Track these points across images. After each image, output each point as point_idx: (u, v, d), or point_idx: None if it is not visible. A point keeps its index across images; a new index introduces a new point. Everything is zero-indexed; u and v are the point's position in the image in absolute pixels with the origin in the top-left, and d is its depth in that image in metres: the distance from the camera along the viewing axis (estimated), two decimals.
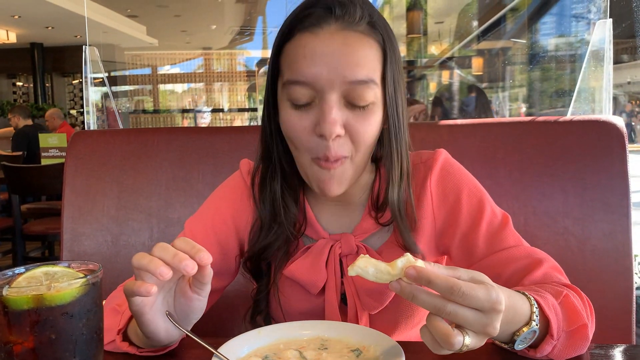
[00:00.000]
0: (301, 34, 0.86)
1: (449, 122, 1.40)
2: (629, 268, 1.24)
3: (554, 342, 0.75)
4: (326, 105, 0.84)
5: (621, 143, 1.26)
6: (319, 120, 0.84)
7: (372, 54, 0.86)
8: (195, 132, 1.49)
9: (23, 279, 0.66)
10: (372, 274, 0.68)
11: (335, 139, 0.84)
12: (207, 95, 10.47)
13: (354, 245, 0.97)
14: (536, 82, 5.28)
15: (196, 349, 0.87)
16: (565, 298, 0.80)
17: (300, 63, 0.85)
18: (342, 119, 0.85)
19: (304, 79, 0.84)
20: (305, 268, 0.97)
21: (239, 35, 9.52)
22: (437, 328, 0.65)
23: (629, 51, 3.60)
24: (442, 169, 0.99)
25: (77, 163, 1.46)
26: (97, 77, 2.40)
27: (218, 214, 1.04)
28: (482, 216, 0.95)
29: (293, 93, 0.86)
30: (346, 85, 0.84)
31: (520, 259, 0.91)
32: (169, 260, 0.70)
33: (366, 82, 0.84)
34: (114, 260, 1.42)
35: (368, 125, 0.87)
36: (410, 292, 0.65)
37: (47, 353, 0.64)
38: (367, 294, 0.95)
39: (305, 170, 0.91)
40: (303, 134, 0.87)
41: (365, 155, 0.90)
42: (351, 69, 0.83)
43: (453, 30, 7.18)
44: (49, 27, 10.91)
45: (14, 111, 6.86)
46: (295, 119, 0.87)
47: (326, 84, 0.84)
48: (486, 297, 0.63)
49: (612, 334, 1.22)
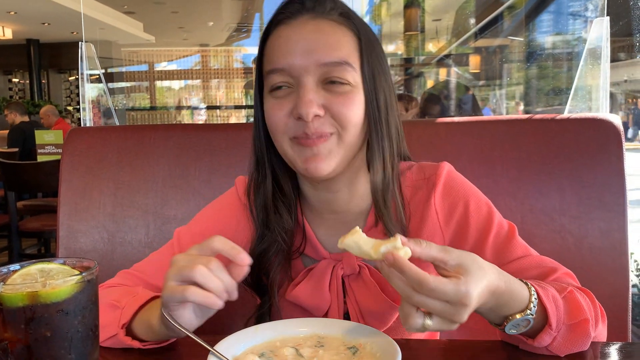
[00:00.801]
0: (278, 27, 0.90)
1: (446, 120, 1.40)
2: (625, 266, 1.24)
3: (554, 333, 0.76)
4: (302, 89, 0.86)
5: (618, 141, 1.26)
6: (297, 103, 0.86)
7: (346, 40, 0.89)
8: (192, 129, 1.49)
9: (18, 276, 0.66)
10: (356, 252, 0.73)
11: (314, 119, 0.85)
12: (204, 92, 10.45)
13: (355, 265, 0.95)
14: (533, 80, 5.29)
15: (193, 346, 0.87)
16: (569, 293, 0.80)
17: (277, 52, 0.88)
18: (320, 100, 0.86)
19: (281, 66, 0.87)
20: (309, 292, 0.95)
21: (236, 32, 9.50)
22: (403, 308, 0.70)
23: (626, 49, 3.60)
24: (445, 184, 0.97)
25: (73, 160, 1.46)
26: (93, 73, 2.39)
27: (210, 228, 1.03)
28: (490, 229, 0.94)
29: (272, 82, 0.89)
30: (321, 68, 0.86)
31: (530, 269, 0.90)
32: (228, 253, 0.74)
33: (341, 63, 0.86)
34: (110, 257, 1.42)
35: (349, 105, 0.87)
36: (387, 273, 0.69)
37: (43, 350, 0.63)
38: (371, 316, 0.95)
39: (288, 154, 0.90)
40: (282, 119, 0.88)
41: (355, 136, 0.89)
42: (325, 52, 0.86)
43: (450, 27, 7.18)
44: (45, 24, 10.87)
45: (11, 107, 6.84)
46: (275, 106, 0.89)
47: (301, 68, 0.86)
48: (454, 292, 0.66)
49: (609, 332, 1.22)
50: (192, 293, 0.72)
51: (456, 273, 0.68)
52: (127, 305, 0.87)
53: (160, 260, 1.02)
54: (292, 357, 0.74)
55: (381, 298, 0.93)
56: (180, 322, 0.76)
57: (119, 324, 0.84)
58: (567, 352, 0.78)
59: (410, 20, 6.64)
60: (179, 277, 0.73)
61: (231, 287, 0.74)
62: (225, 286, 0.73)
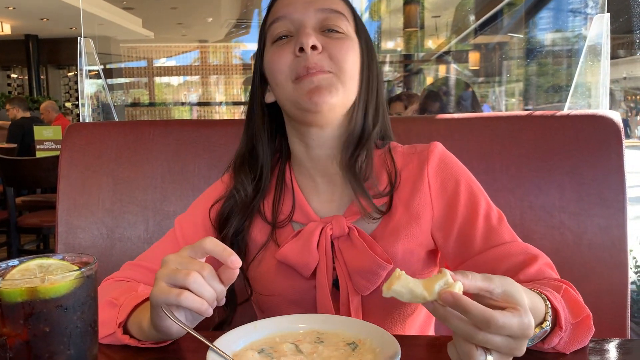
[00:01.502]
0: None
1: (445, 116, 1.40)
2: (624, 262, 1.25)
3: (562, 334, 0.76)
4: (302, 29, 0.93)
5: (618, 138, 1.26)
6: (297, 40, 0.92)
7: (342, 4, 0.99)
8: (191, 125, 1.49)
9: (17, 271, 0.66)
10: (407, 298, 0.66)
11: (312, 53, 0.91)
12: (203, 88, 10.43)
13: (345, 226, 0.96)
14: (533, 77, 5.28)
15: (193, 342, 0.87)
16: (565, 291, 0.82)
17: (279, 7, 0.97)
18: (318, 39, 0.92)
19: (282, 14, 0.95)
20: (297, 250, 0.96)
21: (235, 28, 9.48)
22: (462, 347, 0.64)
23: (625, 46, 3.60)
24: (440, 160, 0.99)
25: (72, 156, 1.46)
26: (92, 69, 2.38)
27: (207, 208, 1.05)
28: (479, 210, 0.96)
29: (274, 32, 0.96)
30: (320, 13, 0.94)
31: (516, 255, 0.92)
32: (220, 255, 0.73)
33: (337, 12, 0.95)
34: (109, 253, 1.42)
35: (345, 50, 0.94)
36: (442, 314, 0.64)
37: (41, 346, 0.63)
38: (359, 275, 0.95)
39: (291, 97, 0.95)
40: (284, 59, 0.94)
41: (351, 81, 0.95)
42: (323, 2, 0.95)
43: (450, 24, 7.17)
44: (44, 19, 10.84)
45: (13, 102, 6.86)
46: (277, 52, 0.95)
47: (301, 13, 0.94)
48: (519, 326, 0.62)
49: (607, 328, 1.23)
50: (187, 299, 0.71)
51: (505, 302, 0.64)
52: (124, 303, 0.87)
53: (164, 249, 1.03)
54: (292, 352, 0.74)
55: (369, 257, 0.93)
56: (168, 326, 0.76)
57: (116, 322, 0.84)
58: (572, 349, 0.79)
59: (410, 16, 6.63)
60: (172, 280, 0.73)
61: (221, 295, 0.75)
62: (217, 294, 0.74)
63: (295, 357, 0.72)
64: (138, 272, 1.01)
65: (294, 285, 0.99)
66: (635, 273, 2.74)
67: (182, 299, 0.71)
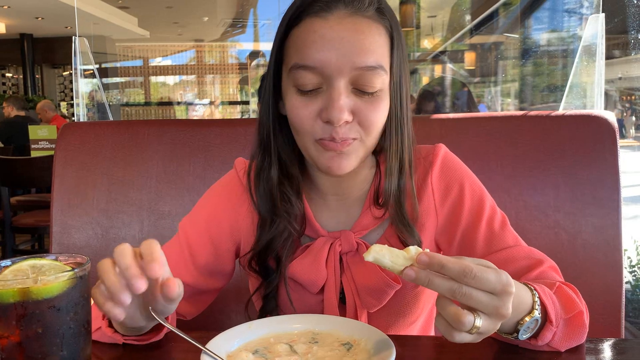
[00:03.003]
0: (310, 18, 0.85)
1: (441, 117, 1.40)
2: (619, 262, 1.25)
3: (554, 329, 0.76)
4: (334, 91, 0.83)
5: (612, 138, 1.26)
6: (327, 106, 0.83)
7: (381, 40, 0.86)
8: (187, 125, 1.48)
9: (9, 271, 0.65)
10: (389, 259, 0.69)
11: (342, 124, 0.84)
12: (199, 87, 10.41)
13: (353, 242, 0.95)
14: (528, 77, 5.29)
15: (184, 343, 0.86)
16: (558, 288, 0.82)
17: (309, 48, 0.83)
18: (350, 105, 0.84)
19: (313, 64, 0.83)
20: (305, 267, 0.95)
21: (231, 27, 9.47)
22: (447, 310, 0.66)
23: (620, 47, 3.61)
24: (442, 164, 0.98)
25: (66, 155, 1.45)
26: (87, 68, 2.38)
27: (212, 215, 1.02)
28: (483, 213, 0.95)
29: (300, 79, 0.85)
30: (355, 71, 0.83)
31: (520, 259, 0.91)
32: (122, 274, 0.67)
33: (375, 68, 0.83)
34: (104, 254, 1.41)
35: (377, 111, 0.86)
36: (425, 276, 0.66)
37: (34, 347, 0.63)
38: (367, 293, 0.94)
39: (310, 152, 0.89)
40: (309, 120, 0.85)
41: (376, 139, 0.89)
42: (360, 55, 0.82)
43: (446, 24, 7.18)
44: (38, 18, 10.79)
45: (9, 100, 6.86)
46: (301, 105, 0.86)
47: (335, 69, 0.82)
48: (497, 279, 0.64)
49: (602, 328, 1.23)
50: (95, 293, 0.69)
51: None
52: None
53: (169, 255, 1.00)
54: (286, 353, 0.73)
55: (378, 275, 0.92)
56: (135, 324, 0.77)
57: (102, 316, 0.84)
58: (566, 346, 0.79)
59: (406, 16, 6.63)
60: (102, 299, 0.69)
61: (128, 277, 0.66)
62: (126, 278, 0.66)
63: (290, 357, 0.72)
64: None
65: (300, 299, 0.98)
66: (630, 272, 2.75)
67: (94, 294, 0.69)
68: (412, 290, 0.97)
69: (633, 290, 2.76)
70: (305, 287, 0.96)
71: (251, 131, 1.42)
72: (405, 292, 0.97)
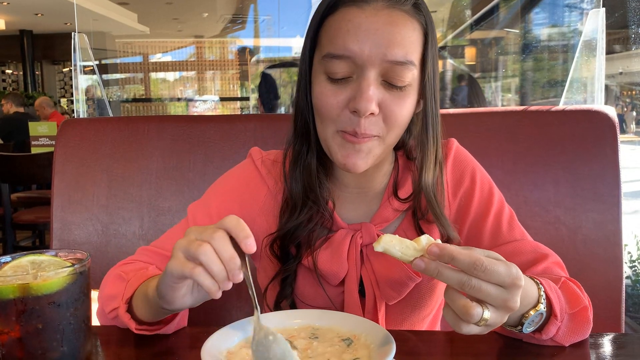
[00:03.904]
0: (346, 7, 0.85)
1: (441, 112, 1.39)
2: (619, 257, 1.25)
3: (558, 323, 0.77)
4: (365, 81, 0.83)
5: (613, 133, 1.26)
6: (355, 95, 0.83)
7: (415, 35, 0.85)
8: (186, 121, 1.48)
9: (9, 267, 0.65)
10: (399, 249, 0.69)
11: (368, 116, 0.84)
12: (199, 83, 10.40)
13: (374, 234, 0.95)
14: (529, 72, 5.28)
15: (189, 339, 0.86)
16: (563, 283, 0.82)
17: (344, 37, 0.83)
18: (378, 97, 0.84)
19: (346, 53, 0.83)
20: (326, 259, 0.95)
21: (231, 23, 9.44)
22: (456, 302, 0.66)
23: (621, 41, 3.60)
24: (455, 158, 1.00)
25: (66, 152, 1.45)
26: (87, 65, 2.37)
27: (224, 203, 1.02)
28: (491, 206, 0.96)
29: (332, 67, 0.85)
30: (386, 63, 0.83)
31: (526, 253, 0.92)
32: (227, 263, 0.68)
33: (406, 63, 0.83)
34: (104, 250, 1.41)
35: (403, 106, 0.86)
36: (435, 268, 0.66)
37: (34, 343, 0.63)
38: (388, 285, 0.94)
39: (328, 142, 0.89)
40: (336, 109, 0.86)
41: (397, 136, 0.89)
42: (393, 48, 0.82)
43: (446, 19, 7.16)
44: (38, 14, 10.78)
45: (8, 97, 6.87)
46: (330, 93, 0.86)
47: (367, 60, 0.82)
48: (507, 273, 0.64)
49: (602, 323, 1.23)
50: (200, 275, 0.69)
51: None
52: (132, 278, 0.86)
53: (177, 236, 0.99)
54: None
55: (400, 268, 0.92)
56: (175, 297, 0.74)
57: (122, 298, 0.84)
58: (570, 341, 0.80)
59: None
60: (187, 252, 0.70)
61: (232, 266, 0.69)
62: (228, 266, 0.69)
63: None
64: (150, 256, 1.00)
65: (320, 291, 0.98)
66: (630, 268, 2.75)
67: (195, 274, 0.69)
68: (428, 283, 0.98)
69: (633, 285, 2.76)
70: (325, 278, 0.96)
71: (250, 127, 1.42)
72: (422, 285, 0.97)
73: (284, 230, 0.96)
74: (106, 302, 0.88)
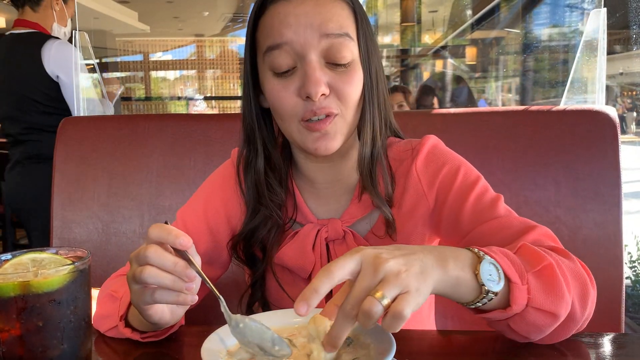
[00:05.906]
0: (274, 4, 0.89)
1: (441, 111, 1.39)
2: (619, 257, 1.25)
3: (522, 285, 0.70)
4: (308, 66, 0.86)
5: (614, 133, 1.26)
6: (304, 82, 0.86)
7: (344, 12, 0.89)
8: (187, 119, 1.48)
9: (9, 265, 0.65)
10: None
11: (320, 98, 0.86)
12: (199, 82, 10.39)
13: (340, 230, 0.96)
14: (530, 72, 5.29)
15: (192, 338, 0.87)
16: (523, 246, 0.76)
17: (278, 28, 0.87)
18: (326, 79, 0.87)
19: (283, 40, 0.86)
20: (293, 253, 0.97)
21: (232, 22, 9.44)
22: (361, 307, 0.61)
23: (622, 42, 3.60)
24: (429, 152, 0.99)
25: (66, 149, 1.45)
26: (87, 63, 2.37)
27: (209, 202, 1.04)
28: (472, 191, 0.93)
29: (274, 60, 0.88)
30: (323, 40, 0.86)
31: (513, 227, 0.87)
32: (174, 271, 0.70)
33: (342, 35, 0.87)
34: (105, 248, 1.41)
35: (352, 83, 0.89)
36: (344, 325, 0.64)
37: (35, 341, 0.63)
38: None
39: (295, 136, 0.91)
40: (289, 100, 0.88)
41: (355, 111, 0.91)
42: (327, 24, 0.86)
43: (447, 19, 7.17)
44: None
45: None
46: (280, 87, 0.89)
47: (305, 44, 0.86)
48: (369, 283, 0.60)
49: (602, 323, 1.23)
50: (160, 295, 0.70)
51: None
52: (124, 295, 0.87)
53: None
54: None
55: None
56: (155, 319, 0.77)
57: (117, 315, 0.84)
58: (553, 304, 0.71)
59: (407, 11, 6.62)
60: (137, 281, 0.71)
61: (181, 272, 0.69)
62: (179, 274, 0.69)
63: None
64: None
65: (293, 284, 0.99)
66: (630, 268, 2.75)
67: (156, 298, 0.71)
68: None
69: (633, 286, 2.76)
70: (294, 272, 0.98)
71: None
72: None
73: (243, 234, 0.99)
74: (101, 322, 0.88)
